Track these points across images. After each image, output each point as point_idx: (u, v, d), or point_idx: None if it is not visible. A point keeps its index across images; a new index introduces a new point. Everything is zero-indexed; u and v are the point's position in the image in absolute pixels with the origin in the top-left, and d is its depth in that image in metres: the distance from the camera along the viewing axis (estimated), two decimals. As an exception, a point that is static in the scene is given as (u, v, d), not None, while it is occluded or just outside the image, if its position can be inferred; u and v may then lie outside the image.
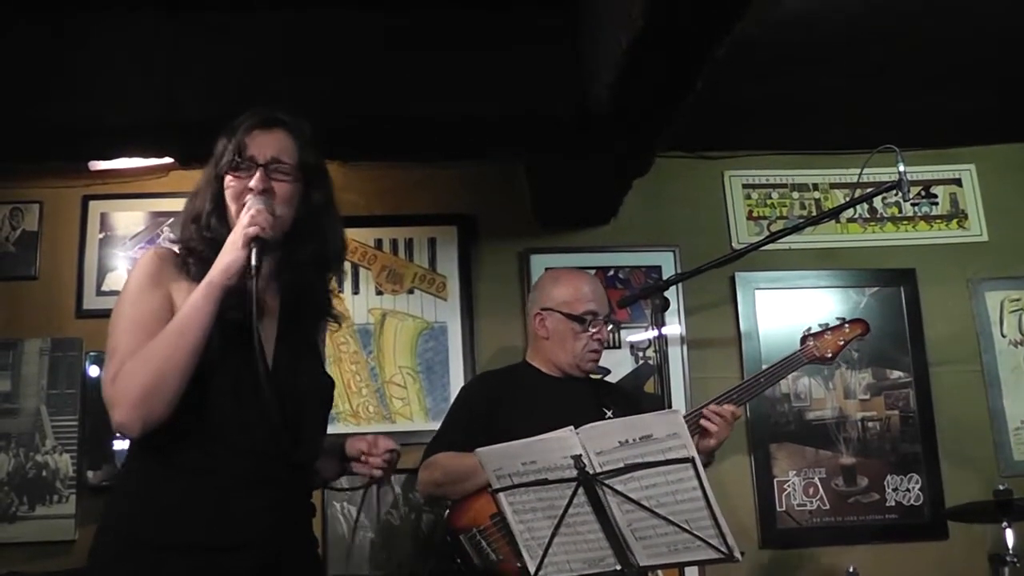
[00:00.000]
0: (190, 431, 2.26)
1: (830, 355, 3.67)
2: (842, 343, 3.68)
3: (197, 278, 2.31)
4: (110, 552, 2.29)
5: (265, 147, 2.42)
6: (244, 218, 2.30)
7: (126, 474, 2.44)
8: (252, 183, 2.36)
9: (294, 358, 2.47)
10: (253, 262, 2.25)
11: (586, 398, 3.65)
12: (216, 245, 2.35)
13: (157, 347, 2.21)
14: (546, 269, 4.23)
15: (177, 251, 2.45)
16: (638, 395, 4.12)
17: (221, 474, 2.28)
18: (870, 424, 4.84)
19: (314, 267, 2.52)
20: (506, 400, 3.62)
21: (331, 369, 4.33)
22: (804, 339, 3.71)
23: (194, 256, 2.39)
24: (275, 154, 2.42)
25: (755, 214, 5.07)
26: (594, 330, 3.69)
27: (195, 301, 2.25)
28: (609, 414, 3.47)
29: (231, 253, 2.28)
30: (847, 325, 3.72)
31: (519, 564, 3.17)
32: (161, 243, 4.49)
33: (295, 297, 2.50)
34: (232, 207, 2.40)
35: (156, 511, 2.26)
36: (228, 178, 2.42)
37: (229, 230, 2.35)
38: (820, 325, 3.88)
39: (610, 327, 3.82)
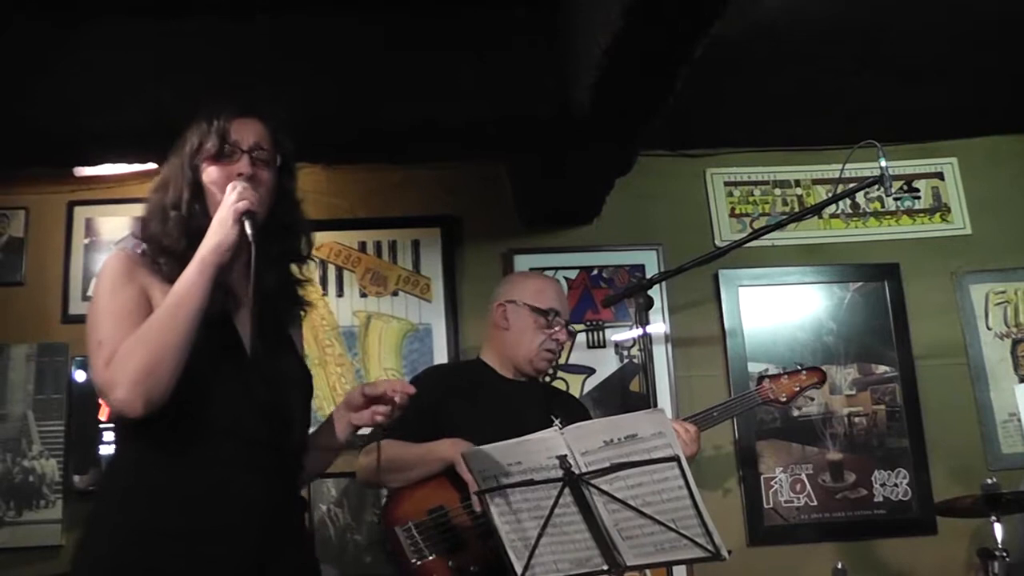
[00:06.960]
0: (180, 419, 2.24)
1: (784, 399, 3.70)
2: (797, 389, 3.69)
3: (171, 277, 2.29)
4: (102, 538, 2.28)
5: (247, 134, 2.42)
6: (230, 196, 2.29)
7: (116, 467, 2.43)
8: (241, 168, 2.37)
9: (272, 349, 2.45)
10: (249, 232, 2.24)
11: (535, 402, 3.63)
12: (195, 235, 2.33)
13: (154, 325, 2.20)
14: (530, 270, 4.22)
15: (143, 252, 2.42)
16: (584, 406, 4.09)
17: (214, 460, 2.28)
18: (856, 419, 4.84)
19: (288, 257, 2.54)
20: (456, 395, 3.57)
21: (316, 372, 4.35)
22: (760, 379, 3.76)
23: (166, 255, 2.36)
24: (256, 140, 2.43)
25: (737, 211, 5.08)
26: (556, 328, 3.68)
27: (189, 277, 2.24)
28: (557, 421, 3.45)
29: (220, 232, 2.26)
30: (804, 372, 3.73)
31: (450, 564, 3.18)
32: (123, 246, 4.47)
33: (271, 288, 2.45)
34: (217, 195, 2.37)
35: (149, 497, 2.26)
36: (210, 167, 2.40)
37: (211, 219, 2.32)
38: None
39: (569, 335, 3.81)
